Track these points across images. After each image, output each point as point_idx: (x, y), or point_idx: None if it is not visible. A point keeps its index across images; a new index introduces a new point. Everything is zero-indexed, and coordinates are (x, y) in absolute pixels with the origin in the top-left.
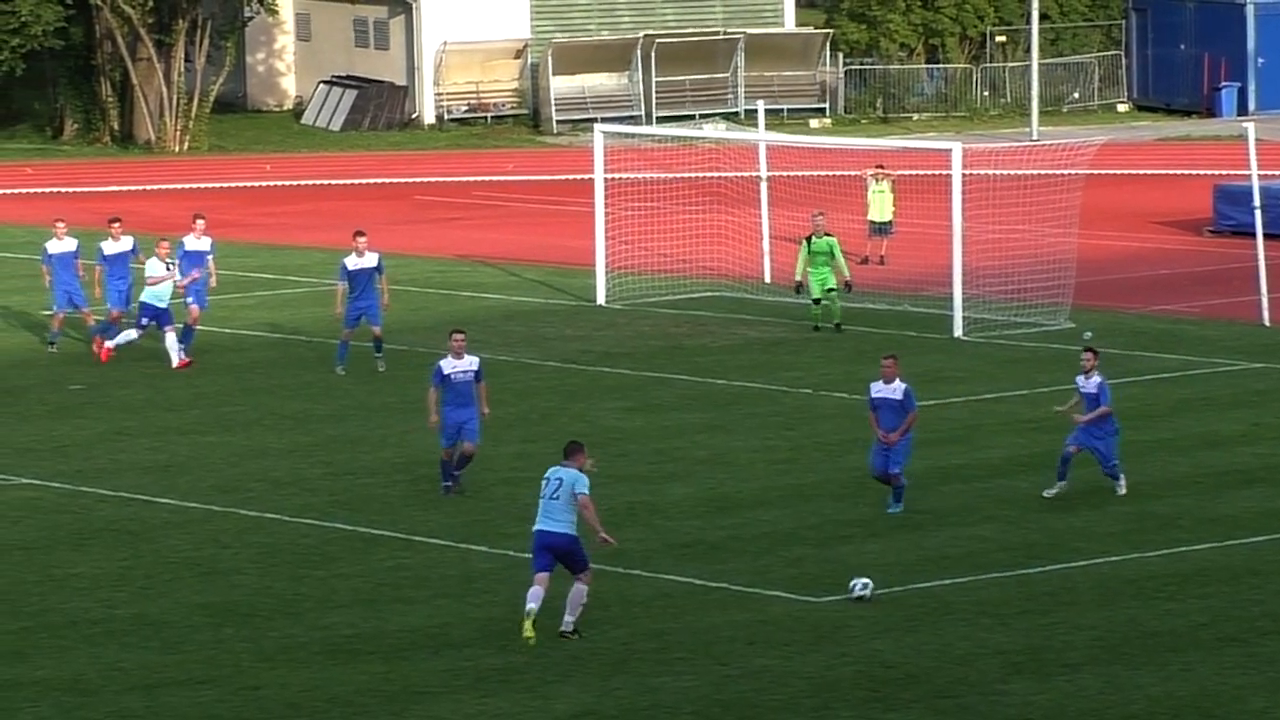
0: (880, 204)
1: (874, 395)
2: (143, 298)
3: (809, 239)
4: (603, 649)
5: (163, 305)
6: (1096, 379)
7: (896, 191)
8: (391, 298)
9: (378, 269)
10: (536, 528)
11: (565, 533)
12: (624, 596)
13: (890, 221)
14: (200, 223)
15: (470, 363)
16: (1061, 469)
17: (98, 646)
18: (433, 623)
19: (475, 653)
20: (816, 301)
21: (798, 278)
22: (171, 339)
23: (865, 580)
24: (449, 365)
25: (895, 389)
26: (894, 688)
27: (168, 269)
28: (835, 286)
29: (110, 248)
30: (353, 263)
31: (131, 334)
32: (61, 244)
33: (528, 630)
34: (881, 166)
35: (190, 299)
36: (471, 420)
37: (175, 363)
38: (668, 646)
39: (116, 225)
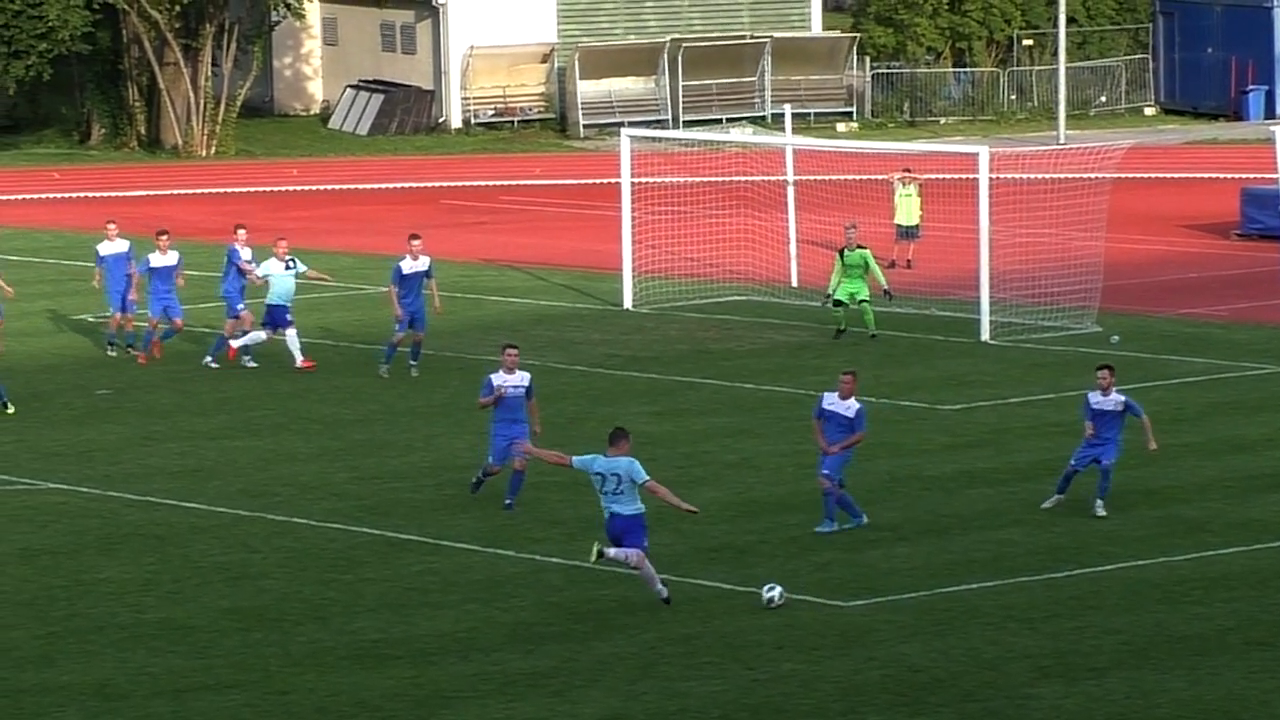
0: (907, 208)
1: (825, 406)
2: (269, 300)
3: (842, 251)
4: (629, 653)
5: (287, 304)
6: (1116, 395)
7: (923, 195)
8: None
9: (427, 273)
10: (608, 515)
11: (633, 514)
12: (651, 601)
13: (917, 225)
14: (242, 233)
15: (522, 378)
16: (1063, 483)
17: (125, 651)
18: (460, 627)
19: (503, 657)
20: (838, 304)
21: (830, 291)
22: (293, 335)
23: (776, 589)
24: (499, 379)
25: (849, 406)
26: (921, 692)
27: (287, 268)
28: (867, 297)
29: (156, 260)
30: (407, 266)
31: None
32: (114, 245)
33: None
34: (908, 170)
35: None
36: (522, 438)
37: (299, 361)
38: (695, 651)
39: (164, 238)
